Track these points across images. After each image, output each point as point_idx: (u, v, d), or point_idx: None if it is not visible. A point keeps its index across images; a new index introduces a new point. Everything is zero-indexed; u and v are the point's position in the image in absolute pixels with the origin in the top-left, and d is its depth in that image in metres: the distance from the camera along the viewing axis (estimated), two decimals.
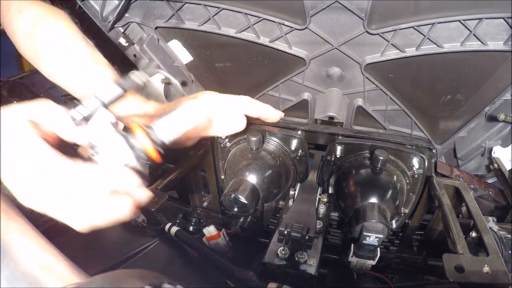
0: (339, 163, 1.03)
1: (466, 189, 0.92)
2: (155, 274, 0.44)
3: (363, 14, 0.97)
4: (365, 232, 0.80)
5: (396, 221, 1.06)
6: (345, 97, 1.30)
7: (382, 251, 1.14)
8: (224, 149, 1.09)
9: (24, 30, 0.86)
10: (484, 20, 0.91)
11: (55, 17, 0.87)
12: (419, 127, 1.31)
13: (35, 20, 0.85)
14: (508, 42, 0.95)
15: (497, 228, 0.83)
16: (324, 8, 0.98)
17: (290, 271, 0.82)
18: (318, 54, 1.15)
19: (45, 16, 0.86)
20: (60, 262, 0.58)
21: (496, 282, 0.64)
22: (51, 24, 0.85)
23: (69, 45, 0.85)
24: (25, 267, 0.50)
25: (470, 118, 1.21)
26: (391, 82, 1.20)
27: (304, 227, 0.85)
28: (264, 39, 1.16)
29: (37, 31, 0.85)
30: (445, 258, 0.68)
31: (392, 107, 1.28)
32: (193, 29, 1.21)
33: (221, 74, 1.42)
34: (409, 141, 1.00)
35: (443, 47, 1.01)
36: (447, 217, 0.82)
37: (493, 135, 1.17)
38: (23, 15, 0.86)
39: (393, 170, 0.97)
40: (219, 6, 1.10)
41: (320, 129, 1.10)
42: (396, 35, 1.01)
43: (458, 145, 1.27)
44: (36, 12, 0.86)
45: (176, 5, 1.15)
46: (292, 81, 1.30)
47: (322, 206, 1.00)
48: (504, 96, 1.09)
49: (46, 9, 0.87)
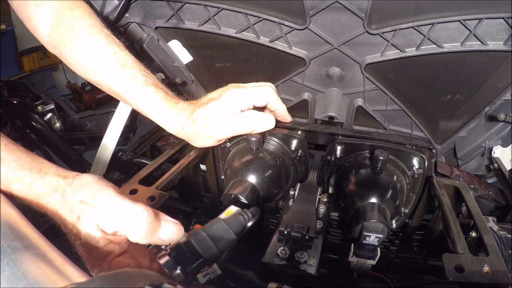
0: (339, 163, 1.03)
1: (466, 189, 0.92)
2: (155, 274, 0.44)
3: (363, 14, 0.97)
4: (365, 232, 0.80)
5: (396, 221, 1.05)
6: (345, 97, 1.30)
7: (382, 251, 1.14)
8: (224, 149, 1.09)
9: (45, 24, 0.86)
10: (484, 20, 0.91)
11: (74, 7, 0.87)
12: (419, 127, 1.31)
13: (55, 12, 0.85)
14: (508, 42, 0.95)
15: (497, 228, 0.83)
16: (324, 8, 0.98)
17: (290, 271, 0.82)
18: (318, 54, 1.15)
19: (65, 8, 0.86)
20: (60, 262, 0.58)
21: (496, 282, 0.64)
22: (73, 13, 0.86)
23: (93, 33, 0.85)
24: (25, 267, 0.50)
25: (470, 118, 1.21)
26: (391, 82, 1.20)
27: (304, 227, 0.85)
28: (264, 39, 1.16)
29: (59, 23, 0.85)
30: (445, 258, 0.68)
31: (392, 107, 1.28)
32: (193, 29, 1.21)
33: (221, 74, 1.42)
34: (409, 141, 1.00)
35: (443, 47, 1.01)
36: (447, 217, 0.81)
37: (493, 135, 1.17)
38: (42, 10, 0.86)
39: (393, 170, 0.97)
40: (219, 6, 1.10)
41: (320, 129, 1.10)
42: (396, 35, 1.01)
43: (458, 145, 1.27)
44: (55, 5, 0.86)
45: (176, 5, 1.15)
46: (292, 81, 1.30)
47: (322, 206, 1.00)
48: (504, 96, 1.09)
49: (64, 3, 0.87)
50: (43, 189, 0.59)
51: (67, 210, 0.57)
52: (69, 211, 0.57)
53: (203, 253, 0.59)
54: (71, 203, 0.57)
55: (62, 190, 0.58)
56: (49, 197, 0.58)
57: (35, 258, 0.54)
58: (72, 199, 0.57)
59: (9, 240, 0.47)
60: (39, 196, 0.59)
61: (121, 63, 0.84)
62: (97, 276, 0.42)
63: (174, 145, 1.13)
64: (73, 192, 0.58)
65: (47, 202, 0.59)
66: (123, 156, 1.24)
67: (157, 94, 0.84)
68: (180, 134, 0.90)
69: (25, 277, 0.44)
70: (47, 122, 1.87)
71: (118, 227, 0.57)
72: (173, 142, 1.29)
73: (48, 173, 0.60)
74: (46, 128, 1.80)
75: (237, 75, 1.39)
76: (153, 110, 0.85)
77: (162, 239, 0.59)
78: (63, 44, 0.85)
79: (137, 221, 0.56)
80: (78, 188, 0.58)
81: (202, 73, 1.46)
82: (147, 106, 0.84)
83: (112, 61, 0.83)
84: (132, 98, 0.84)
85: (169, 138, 1.36)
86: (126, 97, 0.84)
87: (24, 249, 0.52)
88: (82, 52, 0.84)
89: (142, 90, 0.82)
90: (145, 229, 0.56)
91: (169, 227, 0.59)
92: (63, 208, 0.58)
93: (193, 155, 1.03)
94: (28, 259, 0.52)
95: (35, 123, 1.77)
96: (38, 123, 1.78)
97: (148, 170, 0.96)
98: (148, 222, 0.56)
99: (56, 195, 0.58)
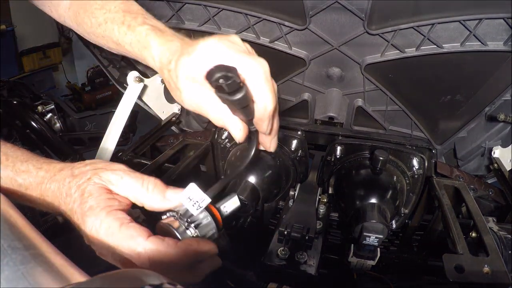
0: (339, 164, 1.03)
1: (466, 189, 0.92)
2: (155, 274, 0.44)
3: (363, 14, 0.97)
4: (365, 232, 0.80)
5: (396, 221, 1.06)
6: (345, 97, 1.30)
7: (382, 251, 1.14)
8: (224, 149, 1.09)
9: (65, 4, 0.90)
10: (484, 20, 0.91)
11: None
12: (419, 127, 1.31)
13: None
14: (508, 42, 0.95)
15: (497, 228, 0.83)
16: (324, 8, 0.98)
17: (290, 271, 0.82)
18: (318, 54, 1.15)
19: None
20: (60, 262, 0.58)
21: (496, 282, 0.64)
22: None
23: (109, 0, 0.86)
24: (25, 267, 0.50)
25: (470, 118, 1.21)
26: (391, 82, 1.20)
27: (304, 227, 0.85)
28: (264, 40, 1.16)
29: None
30: (445, 258, 0.68)
31: (392, 107, 1.28)
32: (193, 29, 1.21)
33: None
34: (409, 141, 1.00)
35: (443, 48, 1.01)
36: (447, 217, 0.82)
37: (493, 135, 1.17)
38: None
39: (393, 170, 0.97)
40: (219, 6, 1.10)
41: (320, 130, 1.10)
42: (396, 35, 1.01)
43: (458, 145, 1.27)
44: None
45: (176, 5, 1.15)
46: (292, 81, 1.30)
47: (322, 206, 1.00)
48: (504, 96, 1.09)
49: None
50: (49, 174, 0.63)
51: (74, 177, 0.62)
52: (78, 177, 0.62)
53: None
54: (81, 171, 0.63)
55: (70, 167, 0.64)
56: (54, 176, 0.63)
57: (35, 258, 0.54)
58: (82, 169, 0.63)
59: (9, 240, 0.47)
60: (43, 180, 0.63)
61: (125, 10, 0.85)
62: (97, 276, 0.42)
63: (174, 145, 1.13)
64: (85, 164, 0.64)
65: (50, 182, 0.63)
66: (123, 156, 1.24)
67: (151, 31, 0.77)
68: (164, 78, 0.76)
69: (25, 277, 0.44)
70: (47, 122, 1.87)
71: (129, 189, 0.64)
72: (173, 142, 1.29)
73: (54, 162, 0.65)
74: (46, 128, 1.80)
75: None
76: (145, 49, 0.77)
77: (168, 199, 0.66)
78: (78, 12, 0.88)
79: (147, 183, 0.64)
80: (91, 162, 0.65)
81: None
82: (141, 46, 0.78)
83: (117, 10, 0.84)
84: (129, 41, 0.82)
85: (169, 138, 1.37)
86: (125, 42, 0.83)
87: (24, 249, 0.52)
88: (93, 10, 0.85)
89: (138, 30, 0.81)
90: (155, 192, 0.64)
91: (174, 192, 0.66)
92: (69, 177, 0.62)
93: (193, 155, 1.03)
94: (28, 259, 0.52)
95: (35, 123, 1.77)
96: (38, 123, 1.78)
97: (148, 170, 0.96)
98: (158, 186, 0.64)
99: (63, 172, 0.63)
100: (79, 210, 0.61)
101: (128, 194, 0.64)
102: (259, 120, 0.65)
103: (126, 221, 0.60)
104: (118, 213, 0.61)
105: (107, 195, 0.62)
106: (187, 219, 0.64)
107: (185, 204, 0.64)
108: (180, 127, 1.49)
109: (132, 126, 1.84)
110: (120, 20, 0.83)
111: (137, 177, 0.65)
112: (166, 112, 1.40)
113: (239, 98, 0.56)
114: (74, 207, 0.61)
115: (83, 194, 0.61)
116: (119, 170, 0.64)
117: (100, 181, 0.63)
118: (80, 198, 0.61)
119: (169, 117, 1.41)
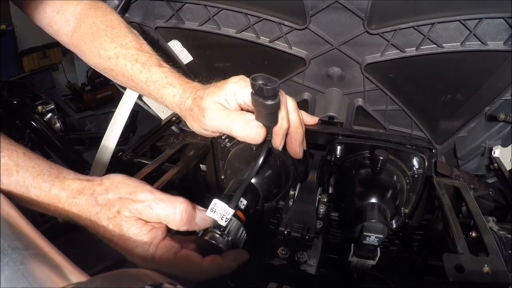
0: (339, 163, 1.03)
1: (466, 189, 0.92)
2: (155, 274, 0.44)
3: (363, 14, 0.97)
4: (365, 232, 0.80)
5: (396, 221, 1.05)
6: (345, 97, 1.30)
7: (382, 251, 1.14)
8: (224, 149, 1.09)
9: (67, 27, 0.88)
10: (484, 20, 0.91)
11: (97, 6, 0.89)
12: (419, 127, 1.31)
13: (78, 15, 0.87)
14: (508, 42, 0.95)
15: (497, 228, 0.83)
16: (324, 8, 0.98)
17: (290, 271, 0.82)
18: (318, 54, 1.15)
19: (89, 8, 0.88)
20: (60, 262, 0.58)
21: (496, 282, 0.64)
22: (96, 11, 0.88)
23: (114, 26, 0.87)
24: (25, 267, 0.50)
25: (470, 118, 1.21)
26: (391, 82, 1.20)
27: (304, 227, 0.85)
28: (264, 39, 1.16)
29: (82, 23, 0.87)
30: (445, 258, 0.68)
31: (392, 107, 1.28)
32: (193, 29, 1.21)
33: (221, 74, 1.42)
34: (409, 141, 0.99)
35: (443, 47, 1.01)
36: (447, 217, 0.81)
37: (493, 135, 1.17)
38: (63, 15, 0.88)
39: (393, 170, 0.97)
40: (219, 6, 1.10)
41: (320, 129, 1.10)
42: (396, 35, 1.01)
43: (458, 145, 1.27)
44: (78, 8, 0.88)
45: (176, 5, 1.15)
46: (292, 81, 1.30)
47: (322, 206, 1.00)
48: (504, 96, 1.09)
49: (86, 4, 0.89)
50: (64, 193, 0.61)
51: (102, 207, 0.61)
52: (105, 208, 0.61)
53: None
54: (106, 201, 0.61)
55: (90, 191, 0.62)
56: (73, 198, 0.61)
57: (35, 258, 0.54)
58: (106, 197, 0.61)
59: (9, 240, 0.47)
60: (59, 199, 0.61)
61: (138, 48, 0.85)
62: (97, 276, 0.42)
63: (174, 145, 1.13)
64: (107, 190, 0.62)
65: (70, 204, 0.61)
66: (123, 156, 1.24)
67: (171, 74, 0.83)
68: (181, 111, 0.86)
69: (25, 277, 0.44)
70: (47, 122, 1.87)
71: (160, 218, 0.63)
72: (173, 142, 1.29)
73: (67, 178, 0.63)
74: (46, 128, 1.80)
75: (237, 75, 1.39)
76: (165, 88, 0.83)
77: (198, 225, 0.68)
78: (84, 41, 0.87)
79: (179, 211, 0.64)
80: (113, 187, 0.63)
81: (202, 73, 1.46)
82: (159, 85, 0.83)
83: (129, 46, 0.84)
84: (144, 79, 0.83)
85: (169, 138, 1.36)
86: (139, 80, 0.84)
87: (24, 249, 0.52)
88: (102, 42, 0.85)
89: (155, 71, 0.83)
90: (186, 218, 0.64)
91: (202, 214, 0.69)
92: (95, 206, 0.61)
93: (193, 155, 1.03)
94: (28, 259, 0.52)
95: (35, 123, 1.77)
96: (38, 123, 1.78)
97: (148, 170, 0.96)
98: (188, 211, 0.65)
99: (83, 196, 0.61)
100: (123, 245, 0.62)
101: (160, 220, 0.64)
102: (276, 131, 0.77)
103: (178, 250, 0.65)
104: (166, 243, 0.64)
105: (146, 227, 0.63)
106: (220, 230, 0.71)
107: (215, 218, 0.70)
108: (180, 127, 1.49)
109: (132, 126, 1.84)
110: (133, 57, 0.84)
111: (167, 205, 0.63)
112: (166, 112, 1.40)
113: (272, 104, 0.66)
114: (114, 240, 0.62)
115: (121, 231, 0.61)
116: (146, 201, 0.62)
117: (130, 214, 0.62)
118: (119, 233, 0.61)
119: (169, 117, 1.41)
